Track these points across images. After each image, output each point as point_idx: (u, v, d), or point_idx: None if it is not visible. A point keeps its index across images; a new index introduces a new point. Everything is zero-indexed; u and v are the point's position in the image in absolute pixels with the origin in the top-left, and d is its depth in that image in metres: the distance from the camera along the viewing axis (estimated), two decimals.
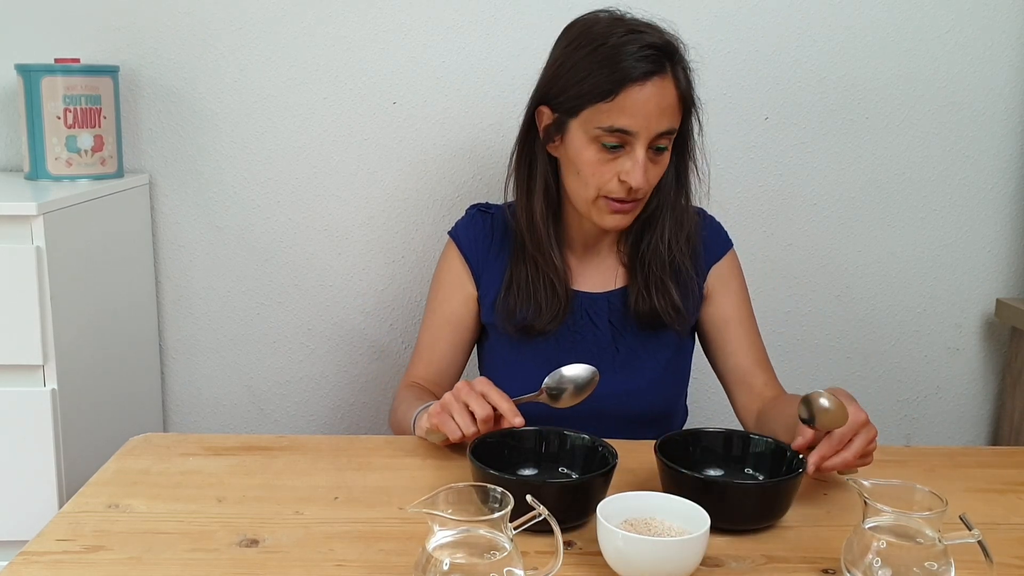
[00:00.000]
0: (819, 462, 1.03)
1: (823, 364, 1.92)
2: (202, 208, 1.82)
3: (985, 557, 0.84)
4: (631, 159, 1.24)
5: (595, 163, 1.26)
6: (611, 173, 1.25)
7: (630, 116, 1.22)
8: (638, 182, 1.23)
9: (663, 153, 1.27)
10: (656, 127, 1.23)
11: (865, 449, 1.05)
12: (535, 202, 1.34)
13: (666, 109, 1.24)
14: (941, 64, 1.79)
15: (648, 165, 1.25)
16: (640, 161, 1.23)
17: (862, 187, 1.84)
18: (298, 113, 1.79)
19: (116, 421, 1.64)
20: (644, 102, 1.22)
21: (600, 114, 1.23)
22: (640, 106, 1.22)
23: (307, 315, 1.87)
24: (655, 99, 1.22)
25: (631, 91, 1.22)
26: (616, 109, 1.22)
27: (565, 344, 1.37)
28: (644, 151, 1.24)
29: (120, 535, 0.98)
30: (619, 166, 1.25)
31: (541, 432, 1.11)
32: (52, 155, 1.64)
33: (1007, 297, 1.87)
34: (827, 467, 1.04)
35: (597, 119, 1.24)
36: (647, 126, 1.23)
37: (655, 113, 1.23)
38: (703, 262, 1.40)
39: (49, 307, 1.41)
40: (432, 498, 0.83)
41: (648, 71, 1.22)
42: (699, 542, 0.88)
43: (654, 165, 1.27)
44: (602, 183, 1.26)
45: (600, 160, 1.25)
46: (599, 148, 1.25)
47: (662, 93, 1.23)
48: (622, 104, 1.22)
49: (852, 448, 1.04)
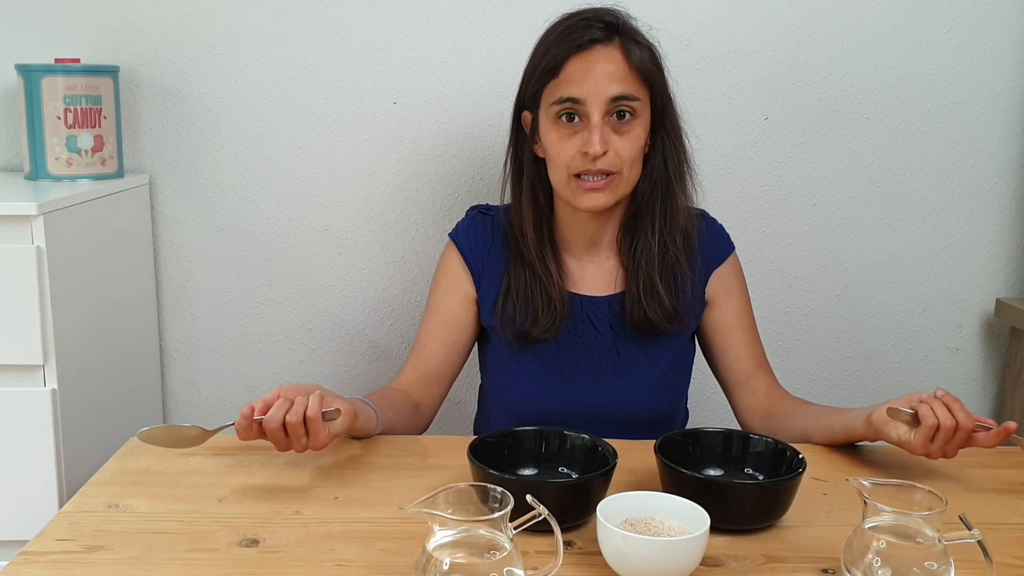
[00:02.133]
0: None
1: (823, 364, 1.92)
2: (202, 208, 1.82)
3: (985, 557, 0.84)
4: (588, 129, 1.26)
5: (558, 141, 1.28)
6: (574, 149, 1.27)
7: (577, 84, 1.26)
8: (595, 148, 1.24)
9: (629, 125, 1.27)
10: (605, 91, 1.25)
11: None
12: (524, 206, 1.36)
13: (614, 74, 1.26)
14: (941, 64, 1.79)
15: (610, 135, 1.26)
16: (596, 127, 1.25)
17: (862, 187, 1.84)
18: (298, 113, 1.79)
19: (116, 421, 1.64)
20: (587, 69, 1.26)
21: (551, 91, 1.28)
22: (584, 73, 1.26)
23: (307, 315, 1.87)
24: (599, 64, 1.26)
25: (573, 61, 1.26)
26: (564, 81, 1.27)
27: (566, 348, 1.36)
28: (600, 118, 1.25)
29: (120, 535, 0.98)
30: (580, 140, 1.27)
31: (541, 432, 1.11)
32: (52, 155, 1.64)
33: (1007, 297, 1.87)
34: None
35: (550, 97, 1.28)
36: (594, 91, 1.25)
37: (601, 78, 1.25)
38: (704, 266, 1.40)
39: (49, 307, 1.41)
40: (432, 498, 0.83)
41: (590, 39, 1.26)
42: (699, 542, 0.88)
43: (620, 137, 1.27)
44: (568, 160, 1.28)
45: (561, 137, 1.28)
46: (559, 126, 1.28)
47: (608, 58, 1.26)
48: (568, 75, 1.26)
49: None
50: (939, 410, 1.10)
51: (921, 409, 1.11)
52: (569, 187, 1.29)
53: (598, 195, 1.28)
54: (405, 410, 1.35)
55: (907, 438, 1.12)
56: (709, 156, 1.79)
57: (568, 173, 1.28)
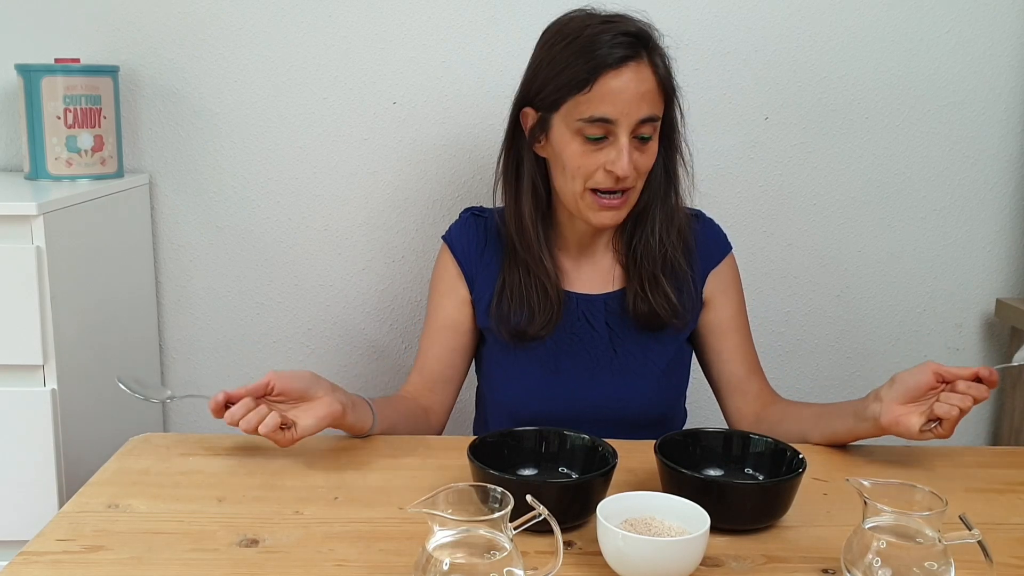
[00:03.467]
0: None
1: (823, 364, 1.92)
2: (202, 208, 1.82)
3: (985, 557, 0.84)
4: (615, 148, 1.23)
5: (579, 155, 1.25)
6: (596, 164, 1.25)
7: (610, 104, 1.22)
8: (624, 170, 1.23)
9: (648, 142, 1.26)
10: (637, 113, 1.23)
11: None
12: (524, 204, 1.34)
13: (645, 95, 1.23)
14: (941, 64, 1.79)
15: (634, 154, 1.25)
16: (625, 149, 1.23)
17: (862, 187, 1.84)
18: (298, 113, 1.79)
19: (116, 421, 1.64)
20: (621, 89, 1.22)
21: (579, 105, 1.24)
22: (618, 93, 1.22)
23: (307, 315, 1.87)
24: (632, 85, 1.22)
25: (607, 78, 1.22)
26: (595, 98, 1.22)
27: (563, 347, 1.36)
28: (628, 139, 1.23)
29: (120, 535, 0.98)
30: (604, 156, 1.24)
31: (541, 432, 1.11)
32: (52, 155, 1.64)
33: (1007, 297, 1.87)
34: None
35: (577, 111, 1.24)
36: (627, 113, 1.22)
37: (634, 99, 1.22)
38: (701, 266, 1.39)
39: (49, 307, 1.41)
40: (432, 498, 0.83)
41: (623, 57, 1.22)
42: (699, 542, 0.88)
43: (641, 155, 1.26)
44: (588, 175, 1.25)
45: (584, 152, 1.25)
46: (583, 141, 1.25)
47: (639, 79, 1.23)
48: (600, 93, 1.22)
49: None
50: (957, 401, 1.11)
51: (939, 410, 1.12)
52: (584, 200, 1.27)
53: (614, 213, 1.28)
54: (411, 413, 1.34)
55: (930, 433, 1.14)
56: (709, 156, 1.79)
57: (584, 187, 1.26)
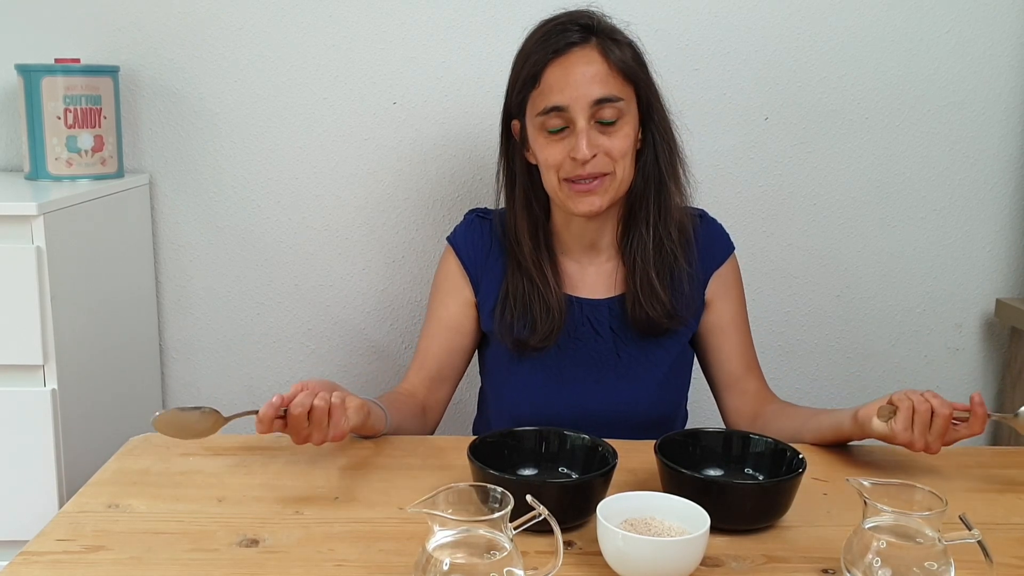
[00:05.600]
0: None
1: (823, 364, 1.92)
2: (202, 208, 1.82)
3: (985, 557, 0.84)
4: (575, 135, 1.25)
5: (546, 149, 1.28)
6: (562, 154, 1.26)
7: (558, 91, 1.25)
8: (583, 154, 1.24)
9: (615, 125, 1.26)
10: (587, 96, 1.24)
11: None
12: (519, 213, 1.36)
13: (594, 77, 1.24)
14: (941, 64, 1.79)
15: (598, 137, 1.25)
16: (583, 133, 1.24)
17: (862, 187, 1.84)
18: (298, 113, 1.79)
19: (116, 421, 1.64)
20: (566, 74, 1.24)
21: (535, 101, 1.27)
22: (563, 79, 1.25)
23: (307, 315, 1.87)
24: (578, 68, 1.24)
25: (552, 68, 1.25)
26: (545, 90, 1.26)
27: (567, 353, 1.36)
28: (586, 123, 1.24)
29: (120, 535, 0.98)
30: (568, 145, 1.26)
31: (541, 432, 1.11)
32: (52, 155, 1.64)
33: (1007, 297, 1.87)
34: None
35: (535, 107, 1.27)
36: (576, 96, 1.24)
37: (582, 82, 1.24)
38: (704, 267, 1.39)
39: (49, 307, 1.41)
40: (432, 498, 0.83)
41: (566, 43, 1.25)
42: (699, 542, 0.88)
43: (608, 137, 1.26)
44: (557, 165, 1.27)
45: (549, 144, 1.27)
46: (547, 134, 1.27)
47: (586, 61, 1.25)
48: (548, 83, 1.25)
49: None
50: (914, 396, 1.13)
51: (896, 396, 1.14)
52: (562, 191, 1.29)
53: (592, 198, 1.28)
54: (412, 412, 1.35)
55: (890, 427, 1.14)
56: (709, 156, 1.79)
57: (559, 178, 1.28)
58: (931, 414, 1.11)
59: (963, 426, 1.13)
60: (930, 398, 1.12)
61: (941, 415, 1.11)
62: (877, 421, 1.15)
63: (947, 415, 1.11)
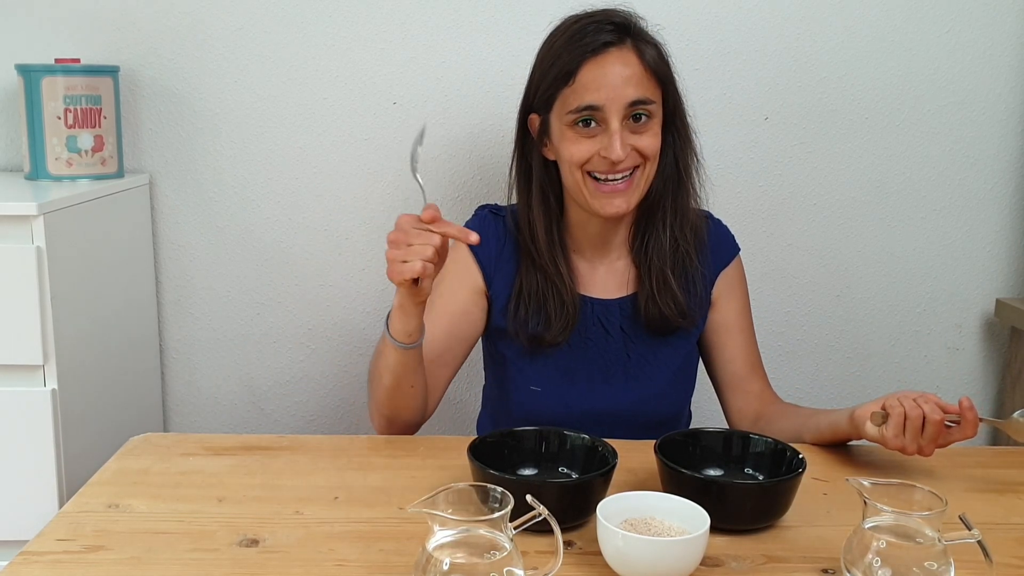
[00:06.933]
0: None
1: (823, 364, 1.92)
2: (202, 208, 1.82)
3: (985, 557, 0.84)
4: (607, 134, 1.24)
5: (573, 145, 1.26)
6: (591, 152, 1.26)
7: (593, 91, 1.24)
8: (617, 155, 1.23)
9: (647, 125, 1.26)
10: (623, 97, 1.23)
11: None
12: (535, 210, 1.35)
13: (630, 78, 1.24)
14: (941, 64, 1.79)
15: (631, 137, 1.25)
16: (616, 134, 1.24)
17: (862, 187, 1.84)
18: (298, 113, 1.79)
19: (116, 421, 1.64)
20: (603, 74, 1.24)
21: (567, 99, 1.26)
22: (600, 79, 1.24)
23: (307, 315, 1.87)
24: (615, 69, 1.24)
25: (589, 67, 1.24)
26: (580, 88, 1.24)
27: (577, 351, 1.36)
28: (620, 124, 1.24)
29: (120, 535, 0.98)
30: (598, 144, 1.25)
31: (541, 432, 1.11)
32: (52, 155, 1.64)
33: (1007, 297, 1.87)
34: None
35: (566, 105, 1.26)
36: (612, 97, 1.23)
37: (618, 83, 1.23)
38: (713, 267, 1.40)
39: (49, 307, 1.41)
40: (432, 498, 0.83)
41: (603, 43, 1.24)
42: (699, 542, 0.88)
43: (640, 136, 1.26)
44: (583, 162, 1.26)
45: (577, 141, 1.26)
46: (575, 130, 1.26)
47: (623, 62, 1.24)
48: (584, 82, 1.24)
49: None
50: (906, 402, 1.12)
51: (888, 401, 1.13)
52: (586, 189, 1.28)
53: (619, 200, 1.27)
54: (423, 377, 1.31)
55: (881, 433, 1.14)
56: (709, 156, 1.77)
57: (583, 172, 1.27)
58: (923, 420, 1.11)
59: (955, 429, 1.12)
60: (922, 404, 1.12)
61: (932, 421, 1.11)
62: (870, 425, 1.15)
63: (938, 421, 1.11)
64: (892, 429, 1.12)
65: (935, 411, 1.11)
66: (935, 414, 1.11)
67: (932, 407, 1.11)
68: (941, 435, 1.12)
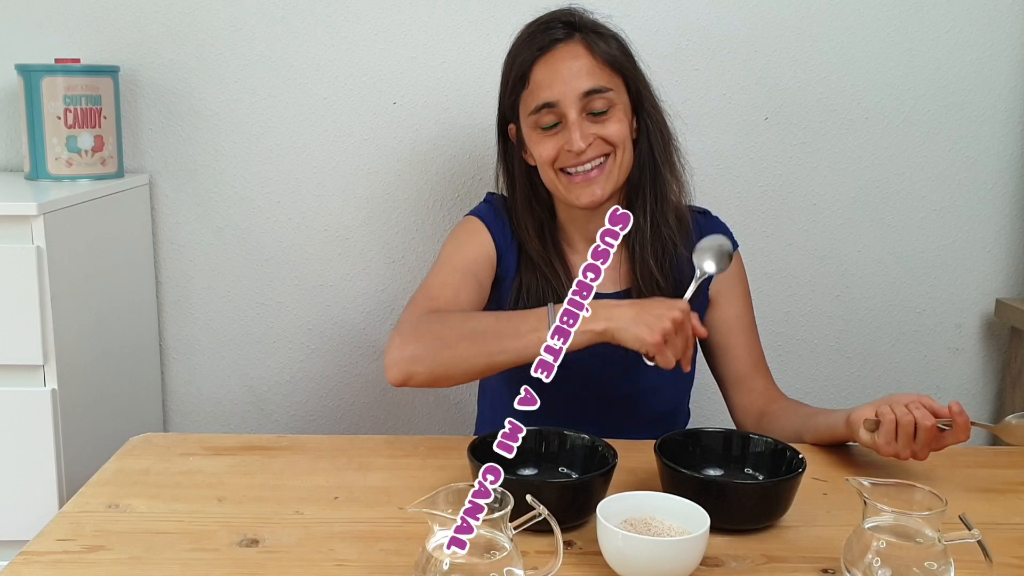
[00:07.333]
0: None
1: (823, 364, 1.92)
2: (202, 208, 1.82)
3: (985, 557, 0.84)
4: (567, 128, 1.27)
5: (540, 145, 1.30)
6: (556, 148, 1.29)
7: (547, 87, 1.27)
8: (578, 145, 1.26)
9: (607, 115, 1.28)
10: (575, 88, 1.26)
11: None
12: (523, 215, 1.37)
13: (580, 70, 1.27)
14: (941, 64, 1.79)
15: (592, 127, 1.27)
16: (575, 126, 1.26)
17: (862, 187, 1.84)
18: (298, 113, 1.79)
19: (116, 421, 1.64)
20: (554, 71, 1.27)
21: (527, 102, 1.30)
22: (552, 75, 1.27)
23: (307, 315, 1.87)
24: (564, 63, 1.27)
25: (540, 66, 1.28)
26: (535, 88, 1.28)
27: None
28: (577, 115, 1.26)
29: (120, 535, 0.98)
30: (562, 139, 1.28)
31: (541, 432, 1.11)
32: (52, 155, 1.64)
33: (1007, 297, 1.87)
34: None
35: (527, 107, 1.30)
36: (565, 91, 1.26)
37: (569, 77, 1.26)
38: None
39: (49, 307, 1.41)
40: (432, 498, 0.83)
41: (549, 41, 1.28)
42: (699, 542, 0.88)
43: (602, 125, 1.28)
44: (552, 159, 1.29)
45: (543, 140, 1.29)
46: (540, 132, 1.29)
47: (572, 56, 1.27)
48: (537, 81, 1.28)
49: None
50: (897, 408, 1.11)
51: (880, 408, 1.12)
52: (561, 184, 1.31)
53: (592, 188, 1.29)
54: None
55: (874, 440, 1.13)
56: (709, 156, 1.79)
57: (555, 169, 1.30)
58: (914, 426, 1.10)
59: (948, 434, 1.11)
60: (913, 410, 1.11)
61: (924, 427, 1.09)
62: (863, 431, 1.14)
63: (930, 427, 1.09)
64: (884, 437, 1.11)
65: (926, 417, 1.10)
66: (926, 420, 1.09)
67: (924, 413, 1.10)
68: (934, 440, 1.11)
